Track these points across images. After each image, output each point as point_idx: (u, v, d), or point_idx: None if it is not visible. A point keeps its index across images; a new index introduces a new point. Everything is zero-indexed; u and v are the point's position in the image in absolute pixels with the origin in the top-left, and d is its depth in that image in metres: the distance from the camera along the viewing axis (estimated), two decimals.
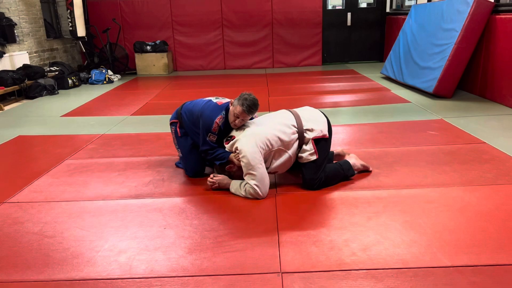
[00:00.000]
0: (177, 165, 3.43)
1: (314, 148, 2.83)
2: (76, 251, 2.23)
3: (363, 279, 1.91)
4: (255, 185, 2.71)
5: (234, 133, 2.91)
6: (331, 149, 3.11)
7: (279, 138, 2.78)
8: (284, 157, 2.83)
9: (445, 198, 2.69)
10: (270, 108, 5.26)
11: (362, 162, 3.14)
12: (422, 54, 6.08)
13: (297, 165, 2.94)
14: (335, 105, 5.56)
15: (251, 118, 3.01)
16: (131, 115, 5.37)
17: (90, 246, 2.28)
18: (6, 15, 6.86)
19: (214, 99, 3.08)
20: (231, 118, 2.87)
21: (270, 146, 2.76)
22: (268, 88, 6.88)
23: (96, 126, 4.82)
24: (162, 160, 3.59)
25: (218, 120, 2.91)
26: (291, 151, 2.84)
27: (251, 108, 2.79)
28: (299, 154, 2.87)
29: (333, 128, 3.08)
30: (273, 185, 2.94)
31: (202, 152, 3.02)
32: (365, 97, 5.91)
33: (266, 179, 2.75)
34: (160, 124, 4.73)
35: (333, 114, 4.73)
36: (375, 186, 2.92)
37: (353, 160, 3.11)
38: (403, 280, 1.89)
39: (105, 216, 2.62)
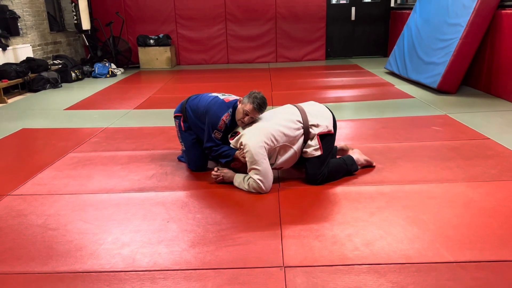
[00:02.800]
0: (179, 159, 3.42)
1: (319, 144, 2.82)
2: (79, 243, 2.24)
3: (366, 274, 1.91)
4: (259, 179, 2.71)
5: (239, 128, 2.90)
6: (335, 144, 3.10)
7: (284, 134, 2.78)
8: (290, 153, 2.83)
9: (449, 194, 2.68)
10: (273, 103, 5.24)
11: (366, 157, 3.13)
12: (427, 49, 6.04)
13: (300, 160, 2.94)
14: (339, 100, 5.55)
15: None
16: (134, 108, 5.37)
17: (94, 239, 2.28)
18: (10, 8, 6.85)
19: (220, 96, 3.05)
20: (239, 115, 2.83)
21: (275, 142, 2.76)
22: (271, 83, 6.86)
23: (99, 120, 4.82)
24: (165, 153, 3.59)
25: (225, 117, 2.90)
26: (296, 147, 2.83)
27: (261, 106, 2.78)
28: (304, 149, 2.86)
29: (336, 123, 3.07)
30: (276, 180, 2.93)
31: (206, 149, 3.00)
32: (369, 92, 5.89)
33: (270, 174, 2.75)
34: (163, 118, 4.73)
35: (337, 109, 4.70)
36: (378, 181, 2.92)
37: (357, 155, 3.10)
38: (405, 275, 1.89)
39: (108, 209, 2.63)
